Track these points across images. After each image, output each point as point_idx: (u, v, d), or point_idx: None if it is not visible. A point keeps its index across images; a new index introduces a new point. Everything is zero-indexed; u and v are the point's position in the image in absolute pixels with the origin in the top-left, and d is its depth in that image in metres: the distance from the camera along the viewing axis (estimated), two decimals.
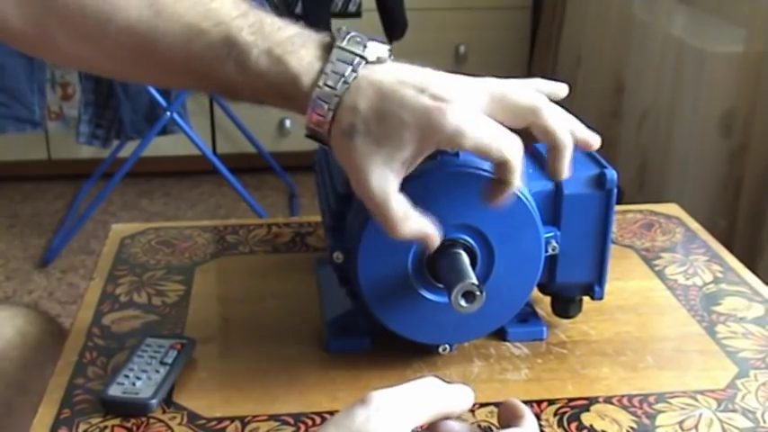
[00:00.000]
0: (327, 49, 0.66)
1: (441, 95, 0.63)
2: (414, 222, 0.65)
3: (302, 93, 0.65)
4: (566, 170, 0.67)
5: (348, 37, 0.66)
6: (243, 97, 0.70)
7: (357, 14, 2.54)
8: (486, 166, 0.71)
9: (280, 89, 0.66)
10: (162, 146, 2.55)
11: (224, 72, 0.68)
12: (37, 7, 0.71)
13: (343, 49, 0.65)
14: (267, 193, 2.81)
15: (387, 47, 0.67)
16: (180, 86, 0.74)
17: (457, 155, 0.71)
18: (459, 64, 2.84)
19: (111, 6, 0.69)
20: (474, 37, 2.84)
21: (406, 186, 0.68)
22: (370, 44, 0.66)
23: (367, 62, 0.65)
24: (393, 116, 0.63)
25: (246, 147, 2.79)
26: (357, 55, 0.65)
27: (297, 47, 0.66)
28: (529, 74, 2.89)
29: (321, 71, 0.65)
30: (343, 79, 0.64)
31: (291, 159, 2.76)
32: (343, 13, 2.52)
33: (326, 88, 0.64)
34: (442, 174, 0.70)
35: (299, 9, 2.48)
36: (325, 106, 0.64)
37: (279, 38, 0.66)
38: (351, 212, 0.73)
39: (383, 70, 0.65)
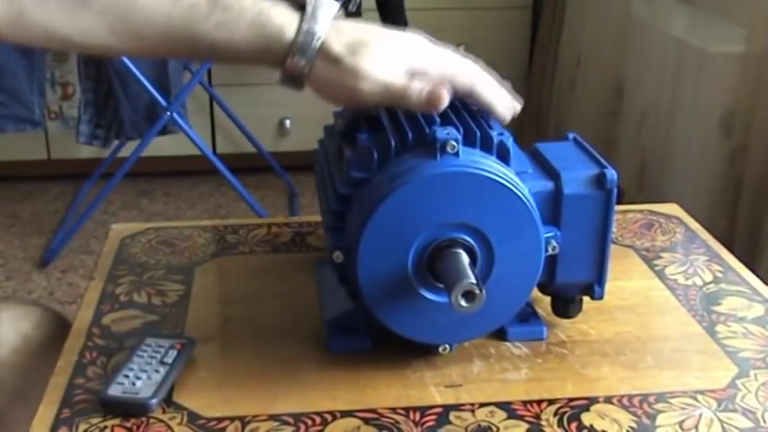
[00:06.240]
0: (298, 5, 0.75)
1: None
2: (417, 84, 0.73)
3: (286, 39, 0.74)
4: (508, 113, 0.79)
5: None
6: (218, 55, 0.76)
7: (357, 14, 2.53)
8: (486, 165, 0.71)
9: (263, 40, 0.74)
10: (162, 146, 2.55)
11: (205, 30, 0.74)
12: None
13: (314, 3, 0.75)
14: (267, 193, 2.81)
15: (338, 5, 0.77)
16: (153, 52, 0.77)
17: (457, 155, 0.71)
18: None
19: None
20: (474, 37, 2.84)
21: (407, 186, 0.69)
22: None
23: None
24: (372, 38, 0.75)
25: (246, 146, 2.79)
26: (326, 7, 0.75)
27: (270, 4, 0.75)
28: (529, 74, 2.90)
29: (303, 18, 0.74)
30: (323, 22, 0.74)
31: (291, 159, 2.76)
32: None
33: (311, 32, 0.73)
34: (442, 174, 0.70)
35: None
36: (310, 49, 0.73)
37: None
38: (351, 212, 0.73)
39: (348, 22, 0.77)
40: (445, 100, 0.73)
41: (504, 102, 0.78)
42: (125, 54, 0.77)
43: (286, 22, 0.74)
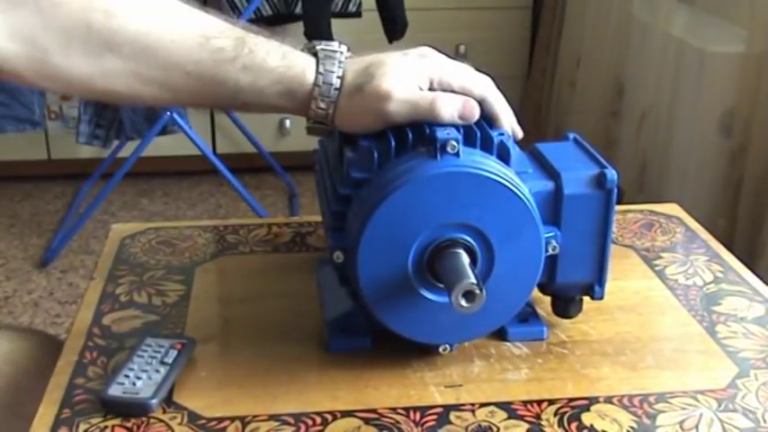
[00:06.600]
0: (310, 49, 0.77)
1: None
2: (444, 96, 0.73)
3: (308, 83, 0.75)
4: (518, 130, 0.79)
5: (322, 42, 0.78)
6: (242, 101, 0.76)
7: (357, 14, 2.53)
8: (487, 165, 0.71)
9: (287, 84, 0.75)
10: (162, 146, 2.55)
11: (231, 74, 0.74)
12: (31, 24, 0.71)
13: (324, 49, 0.76)
14: (267, 193, 2.81)
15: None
16: (176, 99, 0.76)
17: (457, 155, 0.71)
18: None
19: (120, 20, 0.72)
20: (474, 37, 2.84)
21: (407, 186, 0.69)
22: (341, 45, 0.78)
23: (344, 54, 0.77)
24: (385, 58, 0.75)
25: (246, 147, 2.80)
26: (337, 50, 0.76)
27: (290, 48, 0.76)
28: (529, 74, 2.90)
29: (318, 62, 0.75)
30: (338, 63, 0.75)
31: (291, 159, 2.76)
32: (343, 14, 2.52)
33: (328, 74, 0.74)
34: (443, 174, 0.70)
35: (299, 9, 2.48)
36: (331, 89, 0.74)
37: (275, 42, 0.76)
38: (351, 212, 0.73)
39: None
40: (477, 112, 0.74)
41: (510, 119, 0.78)
42: (147, 102, 0.76)
43: (306, 65, 0.75)
